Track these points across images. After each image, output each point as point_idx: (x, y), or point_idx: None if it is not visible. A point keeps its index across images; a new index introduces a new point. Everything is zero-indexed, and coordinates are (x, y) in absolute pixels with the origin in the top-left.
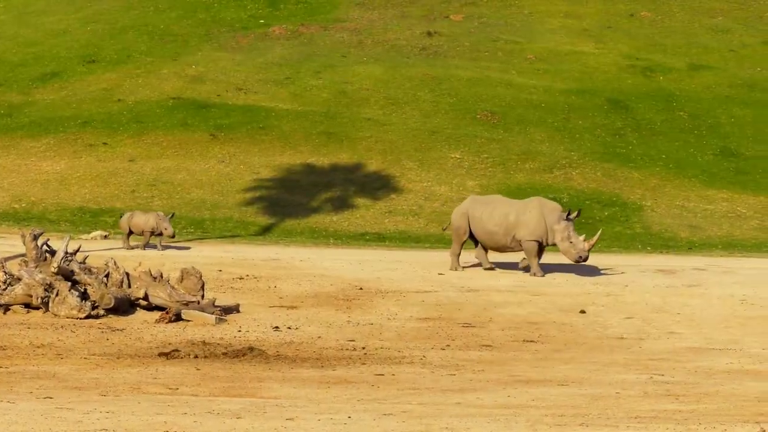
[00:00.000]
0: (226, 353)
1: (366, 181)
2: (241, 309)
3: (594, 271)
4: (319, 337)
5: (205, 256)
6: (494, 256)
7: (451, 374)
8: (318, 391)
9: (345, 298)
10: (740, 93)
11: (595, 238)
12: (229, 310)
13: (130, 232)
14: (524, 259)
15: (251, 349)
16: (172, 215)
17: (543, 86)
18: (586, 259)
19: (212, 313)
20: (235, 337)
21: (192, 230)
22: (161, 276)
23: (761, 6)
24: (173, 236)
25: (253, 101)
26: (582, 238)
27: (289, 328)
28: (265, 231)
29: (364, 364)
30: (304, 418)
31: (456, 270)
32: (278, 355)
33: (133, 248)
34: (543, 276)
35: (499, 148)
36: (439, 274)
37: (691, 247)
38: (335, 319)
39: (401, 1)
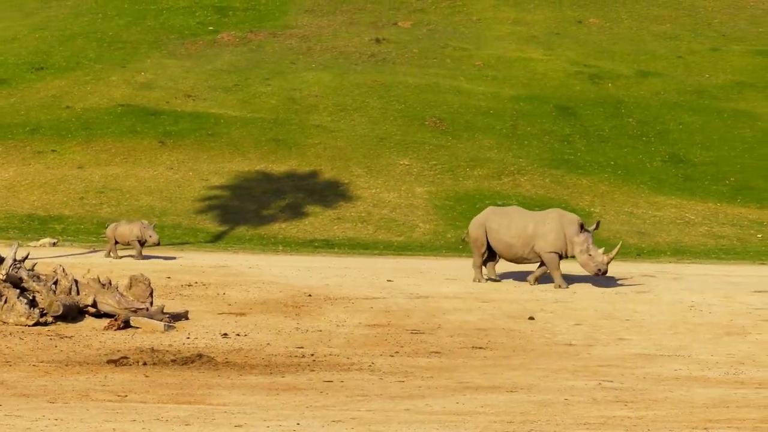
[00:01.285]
0: (175, 360)
1: (315, 187)
2: (189, 316)
3: (542, 278)
4: (268, 343)
5: (154, 263)
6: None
7: (400, 381)
8: (267, 398)
9: (294, 305)
10: (688, 100)
11: (614, 251)
12: (177, 317)
13: (116, 242)
14: (533, 275)
15: (200, 356)
16: (155, 224)
17: (491, 93)
18: (605, 273)
19: (161, 320)
20: (183, 344)
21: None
22: (110, 283)
23: (709, 13)
24: (158, 243)
25: (202, 108)
26: (601, 251)
27: (238, 335)
28: (214, 238)
29: (313, 370)
30: (253, 424)
31: (479, 282)
32: (227, 362)
33: (121, 258)
34: (567, 287)
35: (448, 154)
36: (387, 280)
37: (639, 253)
38: (284, 326)
39: (350, 8)
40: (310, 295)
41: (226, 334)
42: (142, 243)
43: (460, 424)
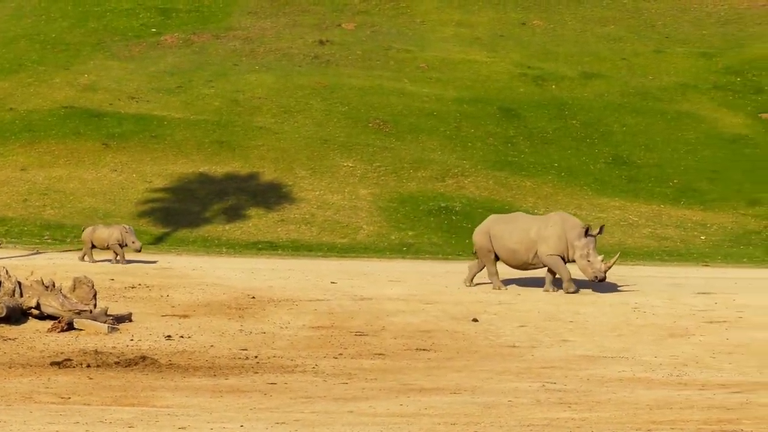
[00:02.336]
0: (119, 362)
1: (258, 189)
2: (133, 318)
3: (486, 279)
4: (212, 345)
5: (98, 265)
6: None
7: (344, 383)
8: (210, 400)
9: (237, 307)
10: (632, 101)
11: (613, 260)
12: (121, 319)
13: (93, 246)
14: (547, 282)
15: (143, 358)
16: (134, 229)
17: (435, 95)
18: (603, 280)
19: (104, 322)
20: (127, 346)
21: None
22: (53, 285)
23: (653, 15)
24: (139, 250)
25: (145, 110)
26: (601, 258)
27: (182, 337)
28: (157, 240)
29: (257, 372)
30: (197, 427)
31: (499, 289)
32: (171, 364)
33: (96, 262)
34: (577, 291)
35: (392, 156)
36: (331, 282)
37: None
38: (228, 328)
39: (293, 9)
40: (253, 297)
41: (169, 336)
42: (123, 247)
43: (403, 426)
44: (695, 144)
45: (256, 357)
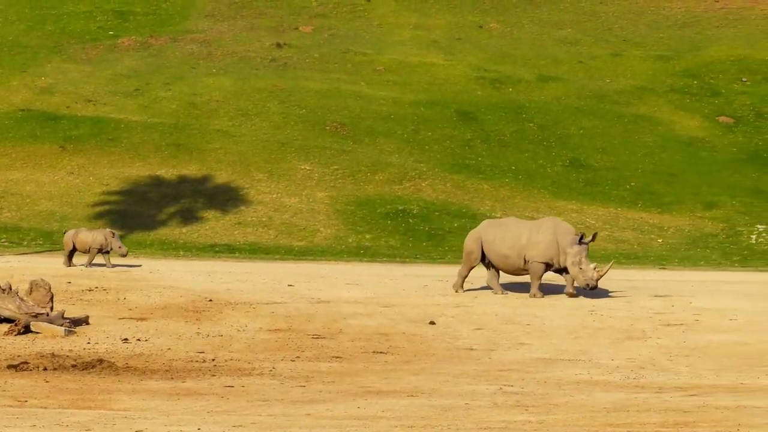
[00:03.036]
0: (76, 365)
1: (215, 192)
2: (90, 321)
3: (444, 282)
4: (169, 348)
5: (55, 268)
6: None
7: (301, 386)
8: (167, 403)
9: (195, 310)
10: (589, 104)
11: (606, 268)
12: (78, 322)
13: (74, 250)
14: (568, 287)
15: (100, 361)
16: (120, 234)
17: (392, 98)
18: (594, 288)
19: (61, 325)
20: (84, 349)
21: (41, 242)
22: (10, 288)
23: (610, 18)
24: (125, 255)
25: (102, 113)
26: (593, 266)
27: (139, 339)
28: None
29: (214, 375)
30: (154, 429)
31: (457, 291)
32: (128, 367)
33: (75, 266)
34: (542, 297)
35: (349, 159)
36: (289, 285)
37: None
38: (185, 331)
39: (251, 12)
40: (211, 300)
41: (126, 339)
42: (105, 252)
43: (361, 429)
44: (652, 147)
45: (213, 360)
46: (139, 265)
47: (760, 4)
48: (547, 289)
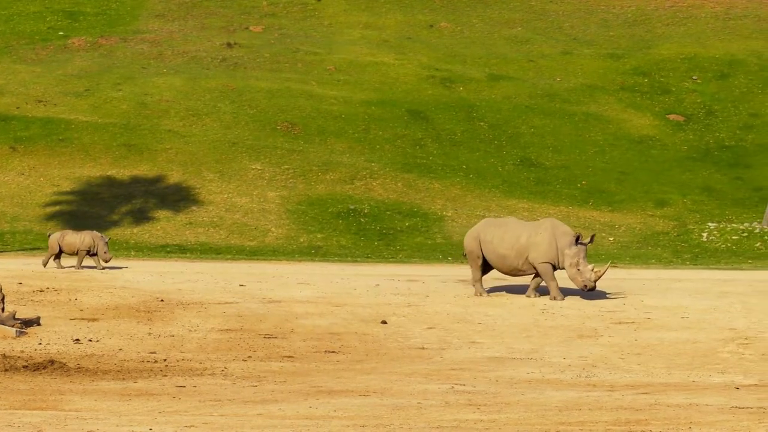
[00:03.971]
0: (27, 366)
1: (167, 192)
2: (41, 322)
3: (395, 281)
4: (120, 349)
5: (5, 268)
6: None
7: (253, 385)
8: (119, 404)
9: (146, 310)
10: (540, 103)
11: (604, 270)
12: (29, 322)
13: (60, 252)
14: (531, 287)
15: (52, 362)
16: (108, 239)
17: (343, 97)
18: (592, 289)
19: (12, 326)
20: (35, 350)
21: None
22: None
23: (560, 17)
24: (108, 261)
25: (53, 113)
26: (591, 267)
27: (90, 340)
28: None
29: (166, 376)
30: (106, 430)
31: (481, 296)
32: (79, 368)
33: (63, 267)
34: (563, 299)
35: (300, 159)
36: (240, 285)
37: None
38: (136, 331)
39: (201, 12)
40: (162, 300)
41: (78, 340)
42: (92, 255)
43: (313, 429)
44: (603, 145)
45: (164, 360)
46: (126, 267)
47: (709, 3)
48: (508, 290)
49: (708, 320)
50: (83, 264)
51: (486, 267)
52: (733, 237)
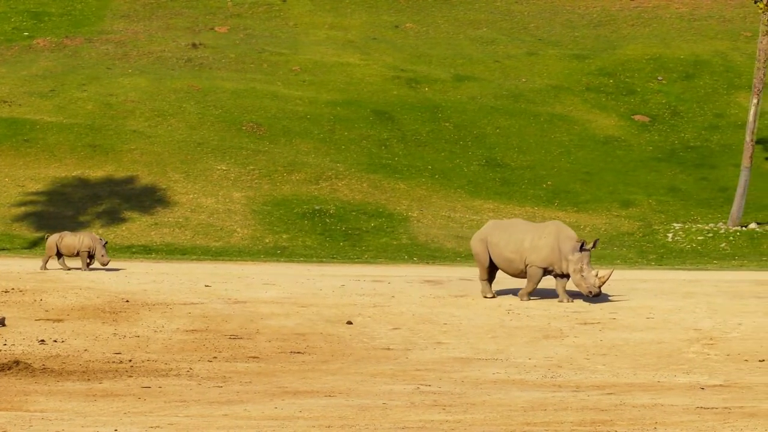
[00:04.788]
0: None
1: (132, 193)
2: (6, 322)
3: (361, 282)
4: (86, 350)
5: None
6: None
7: (218, 386)
8: (84, 404)
9: (111, 311)
10: (505, 104)
11: (608, 275)
12: None
13: (59, 254)
14: (559, 292)
15: (17, 362)
16: (105, 243)
17: (308, 98)
18: (597, 295)
19: None
20: (0, 350)
21: None
22: None
23: (525, 17)
24: (106, 264)
25: (17, 114)
26: (595, 273)
27: (55, 341)
28: (32, 245)
29: (131, 376)
30: (71, 431)
31: (488, 296)
32: (44, 369)
33: (65, 269)
34: (528, 300)
35: (266, 159)
36: (205, 285)
37: (457, 257)
38: (102, 332)
39: (166, 13)
40: (127, 301)
41: (43, 341)
42: (92, 255)
43: (278, 429)
44: (568, 146)
45: (130, 361)
46: (119, 269)
47: (674, 3)
48: (472, 291)
49: (673, 321)
50: (67, 265)
51: (495, 268)
52: (699, 237)
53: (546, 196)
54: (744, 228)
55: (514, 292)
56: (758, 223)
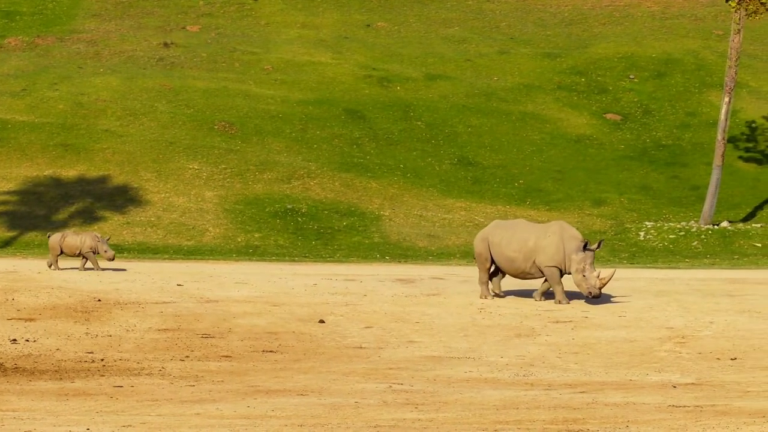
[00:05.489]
0: None
1: (104, 192)
2: None
3: (333, 280)
4: (58, 349)
5: None
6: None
7: (191, 385)
8: (56, 404)
9: (83, 310)
10: (477, 102)
11: (609, 277)
12: None
13: (61, 253)
14: (539, 291)
15: None
16: (108, 238)
17: (280, 97)
18: (597, 296)
19: None
20: None
21: None
22: None
23: (497, 16)
24: (113, 259)
25: None
26: (597, 273)
27: (27, 340)
28: (4, 244)
29: (103, 375)
30: (43, 430)
31: (486, 298)
32: (16, 368)
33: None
34: (568, 303)
35: (237, 158)
36: (178, 285)
37: (429, 256)
38: (74, 331)
39: (138, 12)
40: (99, 300)
41: (15, 340)
42: (95, 254)
43: (250, 428)
44: (540, 144)
45: (102, 360)
46: (124, 269)
47: (646, 2)
48: (444, 290)
49: (645, 319)
50: (66, 264)
51: (496, 269)
52: (670, 236)
53: (518, 194)
54: (716, 226)
55: (526, 293)
56: (730, 222)
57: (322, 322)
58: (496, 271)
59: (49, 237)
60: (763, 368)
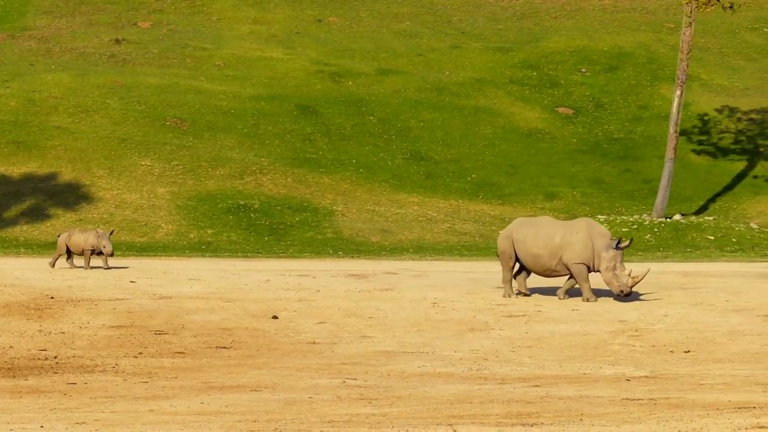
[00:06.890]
0: None
1: (56, 190)
2: None
3: (286, 276)
4: (11, 346)
5: None
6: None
7: (144, 382)
8: (9, 401)
9: (36, 308)
10: (429, 97)
11: (642, 276)
12: None
13: (69, 252)
14: (562, 288)
15: None
16: (111, 232)
17: (232, 92)
18: (628, 295)
19: None
20: None
21: None
22: None
23: (449, 10)
24: (112, 254)
25: None
26: (628, 272)
27: None
28: None
29: (57, 373)
30: None
31: (509, 297)
32: None
33: (77, 267)
34: (596, 301)
35: (189, 154)
36: (130, 281)
37: (382, 251)
38: (27, 329)
39: (89, 9)
40: (52, 298)
41: None
42: (98, 253)
43: (204, 425)
44: (492, 139)
45: (55, 357)
46: (127, 267)
47: None
48: (397, 285)
49: (598, 312)
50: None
51: (521, 268)
52: (623, 229)
53: (470, 189)
54: (668, 219)
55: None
56: (682, 215)
57: (275, 317)
58: (519, 270)
59: (58, 236)
60: (717, 361)
